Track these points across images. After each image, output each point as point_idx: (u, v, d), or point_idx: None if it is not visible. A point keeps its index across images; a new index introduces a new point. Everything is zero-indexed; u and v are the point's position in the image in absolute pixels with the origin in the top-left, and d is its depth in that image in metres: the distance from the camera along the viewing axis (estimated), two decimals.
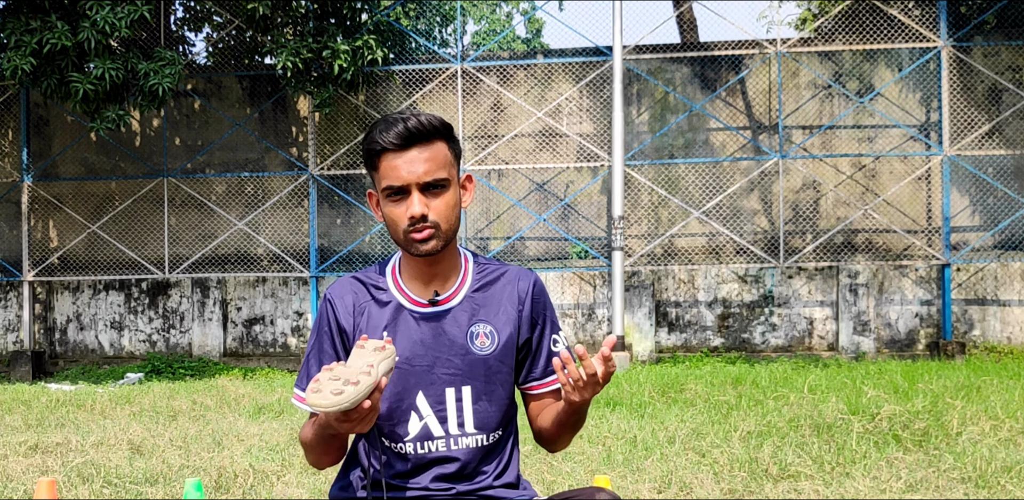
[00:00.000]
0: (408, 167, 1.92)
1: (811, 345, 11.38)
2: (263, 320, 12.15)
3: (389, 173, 1.94)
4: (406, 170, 1.92)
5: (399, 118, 1.94)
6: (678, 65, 11.99)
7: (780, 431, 5.64)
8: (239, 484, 4.56)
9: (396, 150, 1.93)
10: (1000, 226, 11.08)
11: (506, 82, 12.17)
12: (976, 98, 11.46)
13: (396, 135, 1.92)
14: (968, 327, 11.16)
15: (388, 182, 1.94)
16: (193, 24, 12.76)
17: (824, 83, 11.68)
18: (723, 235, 11.63)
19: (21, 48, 9.99)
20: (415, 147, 1.93)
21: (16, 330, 12.47)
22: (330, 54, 10.74)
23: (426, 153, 1.93)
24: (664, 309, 11.59)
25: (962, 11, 11.36)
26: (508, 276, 2.11)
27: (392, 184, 1.93)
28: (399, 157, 1.93)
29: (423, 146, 1.94)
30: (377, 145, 1.94)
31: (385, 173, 1.94)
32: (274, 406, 7.48)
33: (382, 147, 1.93)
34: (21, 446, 5.55)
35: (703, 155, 11.86)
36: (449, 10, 14.88)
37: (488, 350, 2.03)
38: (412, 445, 2.01)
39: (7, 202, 12.65)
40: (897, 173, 11.59)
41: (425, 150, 1.94)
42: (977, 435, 5.42)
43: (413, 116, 1.94)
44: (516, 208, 12.03)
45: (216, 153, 12.50)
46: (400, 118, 1.94)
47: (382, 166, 1.95)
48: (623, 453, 5.16)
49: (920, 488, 4.34)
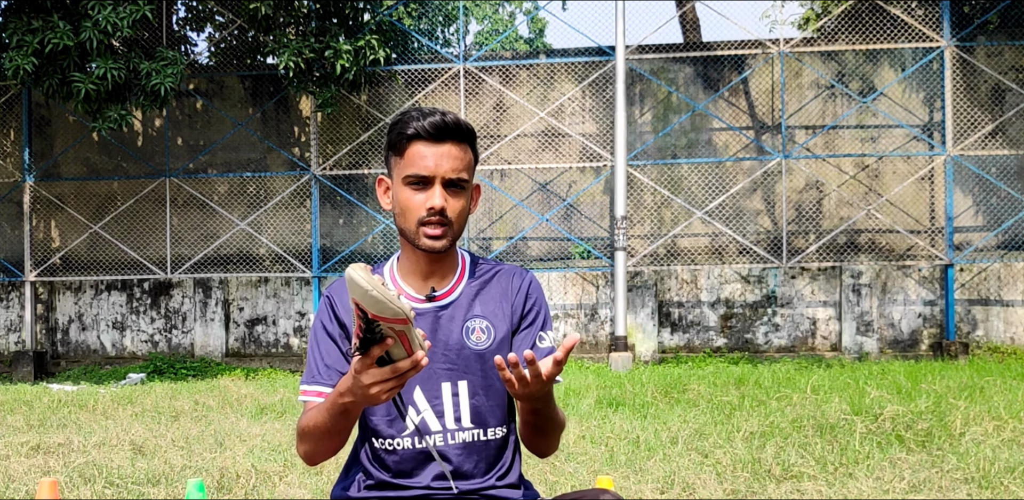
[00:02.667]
0: (438, 160, 1.92)
1: (814, 345, 11.37)
2: (265, 320, 12.15)
3: (417, 161, 1.93)
4: (435, 162, 1.92)
5: (437, 111, 1.94)
6: (681, 65, 11.98)
7: (783, 431, 5.63)
8: (241, 484, 4.55)
9: (429, 140, 1.92)
10: (1003, 226, 11.06)
11: (509, 82, 12.16)
12: (979, 98, 11.44)
13: (432, 125, 1.92)
14: (971, 327, 11.14)
15: (414, 170, 1.93)
16: (195, 24, 12.76)
17: (827, 83, 11.66)
18: (726, 235, 11.62)
19: (23, 48, 9.99)
20: (449, 142, 1.93)
21: (18, 330, 12.47)
22: (332, 54, 10.73)
23: (457, 151, 1.94)
24: (667, 309, 11.58)
25: (965, 11, 11.34)
26: (504, 273, 2.11)
27: (418, 173, 1.93)
28: (431, 148, 1.93)
29: (456, 144, 1.94)
30: (411, 129, 1.93)
31: (412, 160, 1.94)
32: (276, 406, 7.47)
33: (416, 133, 1.93)
34: (23, 446, 5.55)
35: (706, 155, 11.85)
36: (452, 10, 14.88)
37: (484, 345, 2.03)
38: (408, 440, 2.00)
39: (9, 202, 12.65)
40: (900, 173, 11.57)
41: (457, 148, 1.94)
42: (980, 436, 5.40)
43: (451, 112, 1.95)
44: (519, 208, 12.02)
45: (218, 153, 12.50)
46: (438, 111, 1.94)
47: (409, 152, 1.94)
48: (626, 454, 5.15)
49: (923, 489, 4.32)
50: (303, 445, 1.98)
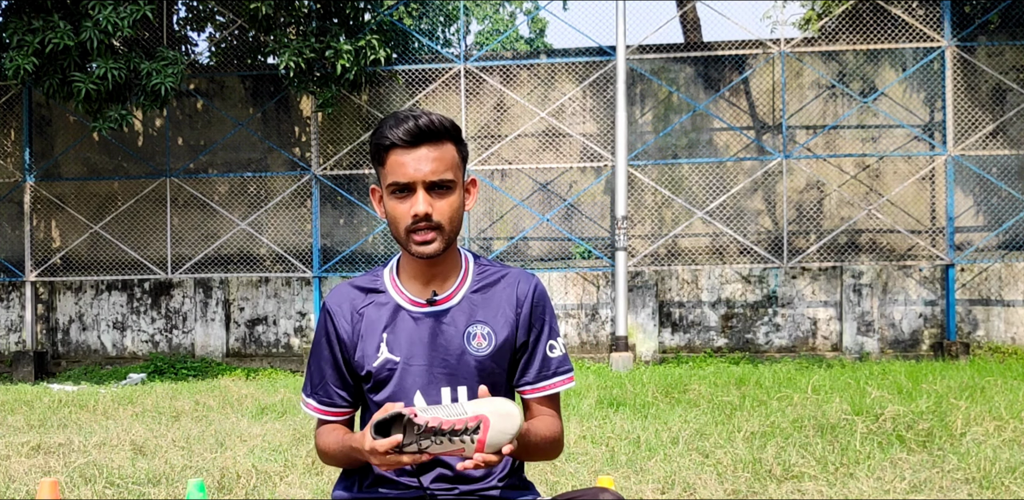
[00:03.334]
0: (416, 165, 1.91)
1: (815, 345, 11.36)
2: (266, 320, 12.15)
3: (396, 169, 1.93)
4: (413, 168, 1.91)
5: (410, 115, 1.93)
6: (681, 65, 11.98)
7: (784, 432, 5.62)
8: (242, 485, 4.55)
9: (405, 147, 1.92)
10: (1004, 226, 11.06)
11: (509, 82, 12.15)
12: (980, 98, 11.43)
13: (406, 131, 1.91)
14: (972, 327, 11.14)
15: (394, 178, 1.93)
16: (196, 24, 12.76)
17: (828, 83, 11.66)
18: (727, 235, 11.61)
19: (23, 48, 9.99)
20: (424, 145, 1.92)
21: (19, 330, 12.47)
22: (333, 54, 10.73)
23: (435, 153, 1.93)
24: (667, 309, 11.57)
25: (966, 11, 11.33)
26: (509, 278, 2.09)
27: (398, 181, 1.92)
28: (407, 154, 1.92)
29: (432, 145, 1.93)
30: (386, 140, 1.93)
31: (392, 169, 1.93)
32: (277, 406, 7.47)
33: (391, 142, 1.92)
34: (24, 447, 5.54)
35: (707, 155, 11.85)
36: (452, 10, 14.88)
37: (485, 351, 2.02)
38: None
39: (9, 202, 12.65)
40: (901, 173, 11.56)
41: (434, 149, 1.93)
42: (981, 436, 5.40)
43: (424, 114, 1.93)
44: (519, 208, 12.01)
45: (219, 153, 12.50)
46: (411, 115, 1.93)
47: (389, 162, 1.94)
48: (626, 454, 5.15)
49: (924, 489, 4.32)
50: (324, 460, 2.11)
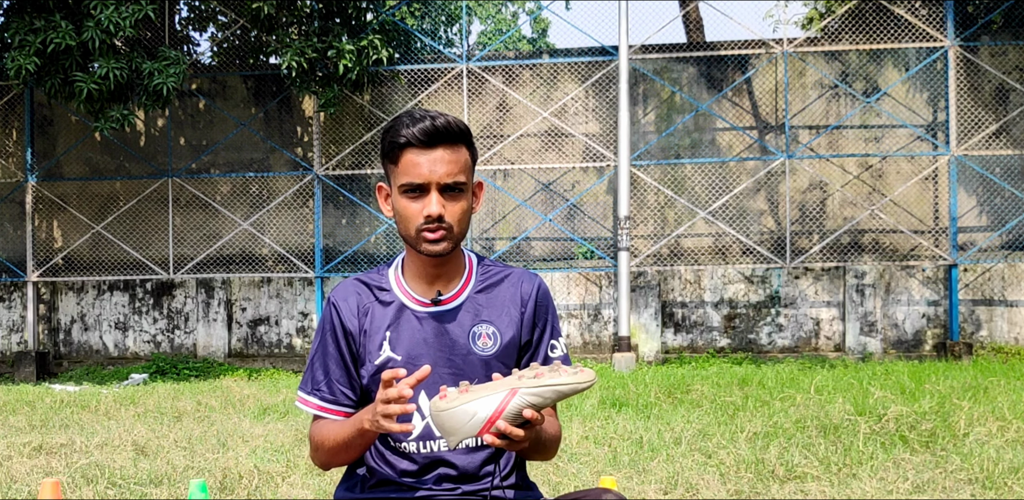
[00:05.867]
0: (431, 166, 1.90)
1: (818, 346, 11.35)
2: (268, 321, 12.14)
3: (410, 169, 1.91)
4: (428, 169, 1.90)
5: (427, 115, 1.91)
6: (684, 65, 11.96)
7: (786, 432, 5.62)
8: (244, 485, 4.55)
9: (421, 147, 1.90)
10: (1007, 226, 11.04)
11: (512, 82, 12.15)
12: (983, 98, 11.42)
13: (423, 131, 1.89)
14: (975, 328, 11.12)
15: (408, 179, 1.91)
16: (198, 24, 12.76)
17: (831, 83, 11.64)
18: (729, 235, 11.60)
19: (25, 48, 9.99)
20: (441, 147, 1.91)
21: (20, 331, 12.48)
22: (335, 54, 10.73)
23: (451, 155, 1.92)
24: (670, 309, 11.56)
25: (969, 11, 11.32)
26: (512, 278, 2.09)
27: (412, 181, 1.91)
28: (423, 155, 1.90)
29: (448, 147, 1.92)
30: (402, 138, 1.91)
31: (405, 168, 1.92)
32: (279, 407, 7.47)
33: (407, 141, 1.91)
34: (25, 447, 5.54)
35: (709, 155, 11.83)
36: (454, 10, 14.87)
37: (490, 351, 2.02)
38: (415, 444, 2.01)
39: (11, 202, 12.66)
40: (904, 173, 11.55)
41: (450, 152, 1.92)
42: (984, 436, 5.39)
43: (441, 115, 1.92)
44: (522, 208, 12.00)
45: (221, 153, 12.49)
46: (428, 115, 1.91)
47: (403, 160, 1.92)
48: (629, 454, 5.14)
49: (927, 489, 4.31)
50: (319, 455, 2.04)
